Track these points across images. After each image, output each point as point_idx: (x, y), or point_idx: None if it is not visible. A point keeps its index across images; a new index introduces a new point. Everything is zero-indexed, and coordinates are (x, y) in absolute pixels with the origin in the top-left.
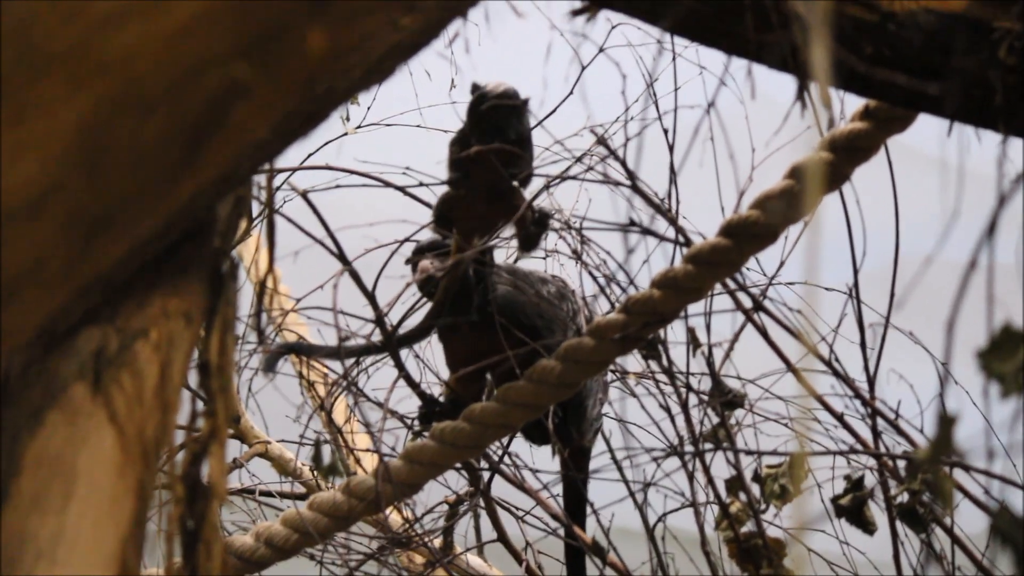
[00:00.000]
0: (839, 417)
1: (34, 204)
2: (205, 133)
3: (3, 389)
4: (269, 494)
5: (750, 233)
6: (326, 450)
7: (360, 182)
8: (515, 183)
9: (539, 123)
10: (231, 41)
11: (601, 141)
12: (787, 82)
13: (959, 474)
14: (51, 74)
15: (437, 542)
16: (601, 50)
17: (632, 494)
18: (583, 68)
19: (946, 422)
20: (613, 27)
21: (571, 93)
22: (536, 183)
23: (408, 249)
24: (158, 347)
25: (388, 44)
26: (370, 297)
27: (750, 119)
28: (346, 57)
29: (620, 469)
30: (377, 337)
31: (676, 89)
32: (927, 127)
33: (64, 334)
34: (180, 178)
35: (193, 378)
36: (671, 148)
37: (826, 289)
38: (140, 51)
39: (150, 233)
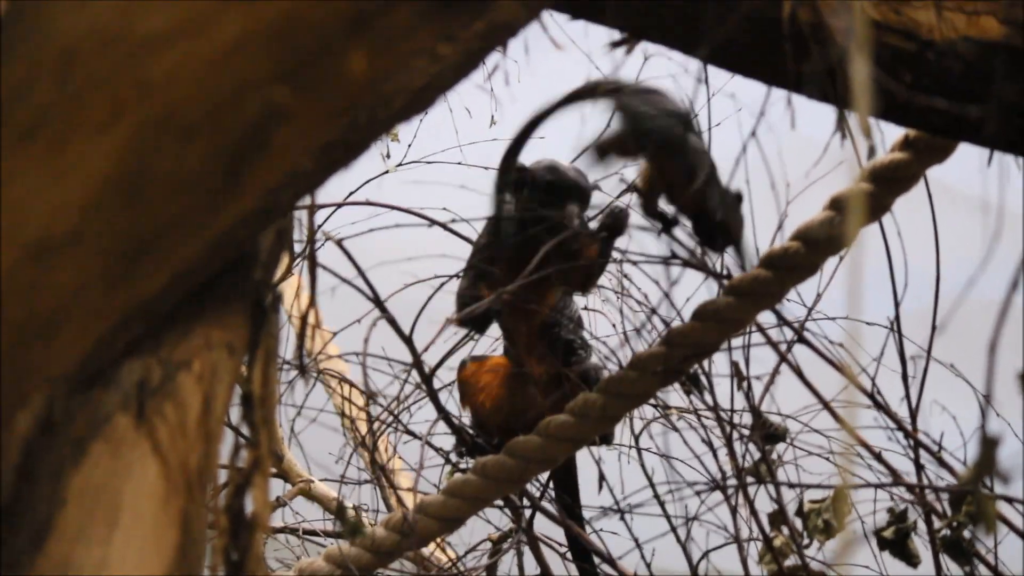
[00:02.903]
0: (877, 456)
1: (75, 231)
2: (246, 159)
3: (47, 421)
4: (313, 532)
5: (791, 264)
6: (354, 501)
7: (402, 218)
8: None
9: (576, 157)
10: (272, 64)
11: (635, 189)
12: (824, 119)
13: (1003, 507)
14: (92, 100)
15: None
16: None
17: (674, 529)
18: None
19: (989, 443)
20: (647, 59)
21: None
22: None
23: (450, 286)
24: (201, 378)
25: (428, 74)
26: (407, 340)
27: (788, 153)
28: (386, 84)
29: (662, 505)
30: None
31: (709, 126)
32: (968, 165)
33: (107, 366)
34: (221, 205)
35: (235, 413)
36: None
37: (867, 324)
38: (181, 75)
39: (191, 262)
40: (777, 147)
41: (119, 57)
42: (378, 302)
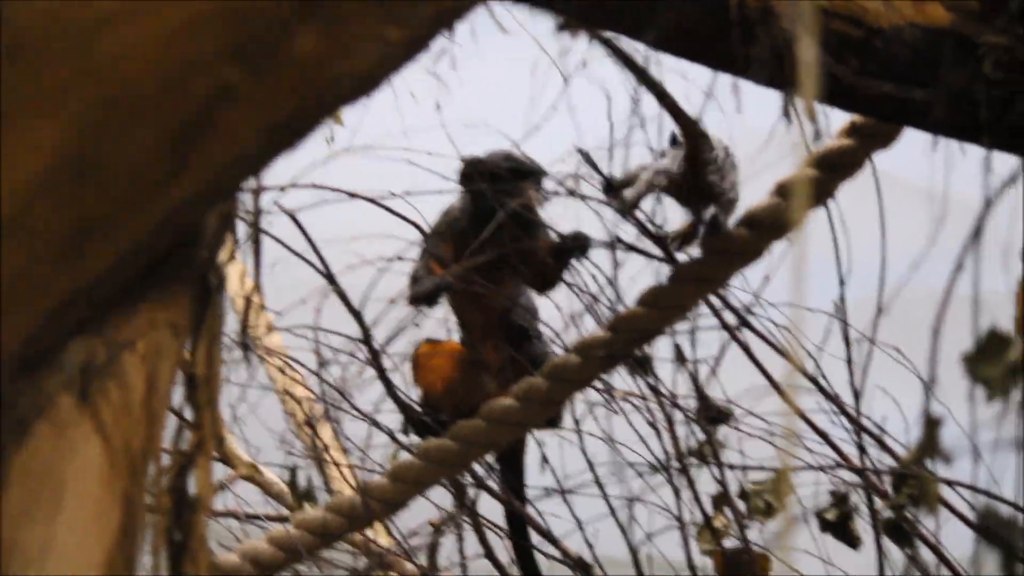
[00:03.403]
0: (823, 435)
1: (23, 212)
2: (194, 140)
3: None
4: (255, 516)
5: (736, 250)
6: (302, 475)
7: (346, 200)
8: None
9: (524, 138)
10: (221, 44)
11: (588, 160)
12: (770, 107)
13: (945, 491)
14: (41, 79)
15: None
16: (584, 64)
17: (614, 513)
18: (566, 83)
19: (931, 423)
20: (593, 38)
21: (554, 109)
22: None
23: (399, 267)
24: (145, 358)
25: (376, 57)
26: (356, 314)
27: (734, 140)
28: (334, 66)
29: (601, 487)
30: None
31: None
32: (913, 154)
33: (51, 347)
34: (168, 185)
35: (178, 394)
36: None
37: (810, 310)
38: (132, 54)
39: (138, 242)
40: (724, 133)
41: (69, 39)
42: (329, 276)
